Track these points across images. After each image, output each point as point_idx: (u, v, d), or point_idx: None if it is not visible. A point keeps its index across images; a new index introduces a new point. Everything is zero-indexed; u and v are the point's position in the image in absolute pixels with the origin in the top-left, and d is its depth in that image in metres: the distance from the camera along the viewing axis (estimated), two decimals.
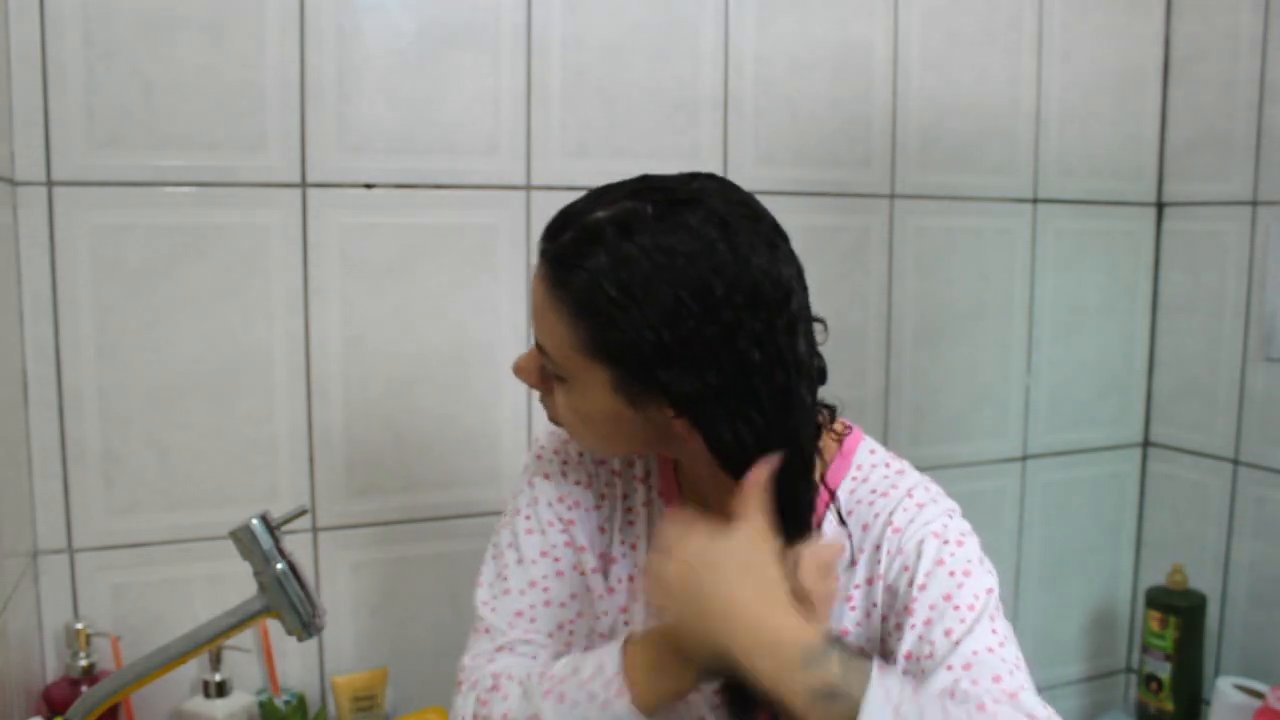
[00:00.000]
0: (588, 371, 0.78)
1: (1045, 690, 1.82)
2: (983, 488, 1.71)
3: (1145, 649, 1.67)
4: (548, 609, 0.90)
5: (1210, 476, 1.73)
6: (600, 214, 0.76)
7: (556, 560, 0.92)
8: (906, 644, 0.77)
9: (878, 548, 0.82)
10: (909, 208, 1.60)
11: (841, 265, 1.56)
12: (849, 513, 0.85)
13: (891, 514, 0.83)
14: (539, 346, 0.81)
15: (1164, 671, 1.63)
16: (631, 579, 0.94)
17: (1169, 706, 1.64)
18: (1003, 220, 1.68)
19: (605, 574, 0.94)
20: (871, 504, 0.84)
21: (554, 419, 0.87)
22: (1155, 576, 1.76)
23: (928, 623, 0.77)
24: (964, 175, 1.64)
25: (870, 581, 0.83)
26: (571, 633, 0.91)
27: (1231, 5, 1.67)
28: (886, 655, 0.81)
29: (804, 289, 0.79)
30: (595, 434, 0.84)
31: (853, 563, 0.83)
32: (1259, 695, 1.50)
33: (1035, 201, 1.70)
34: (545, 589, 0.90)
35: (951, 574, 0.78)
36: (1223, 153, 1.69)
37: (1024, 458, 1.75)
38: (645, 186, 0.78)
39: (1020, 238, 1.70)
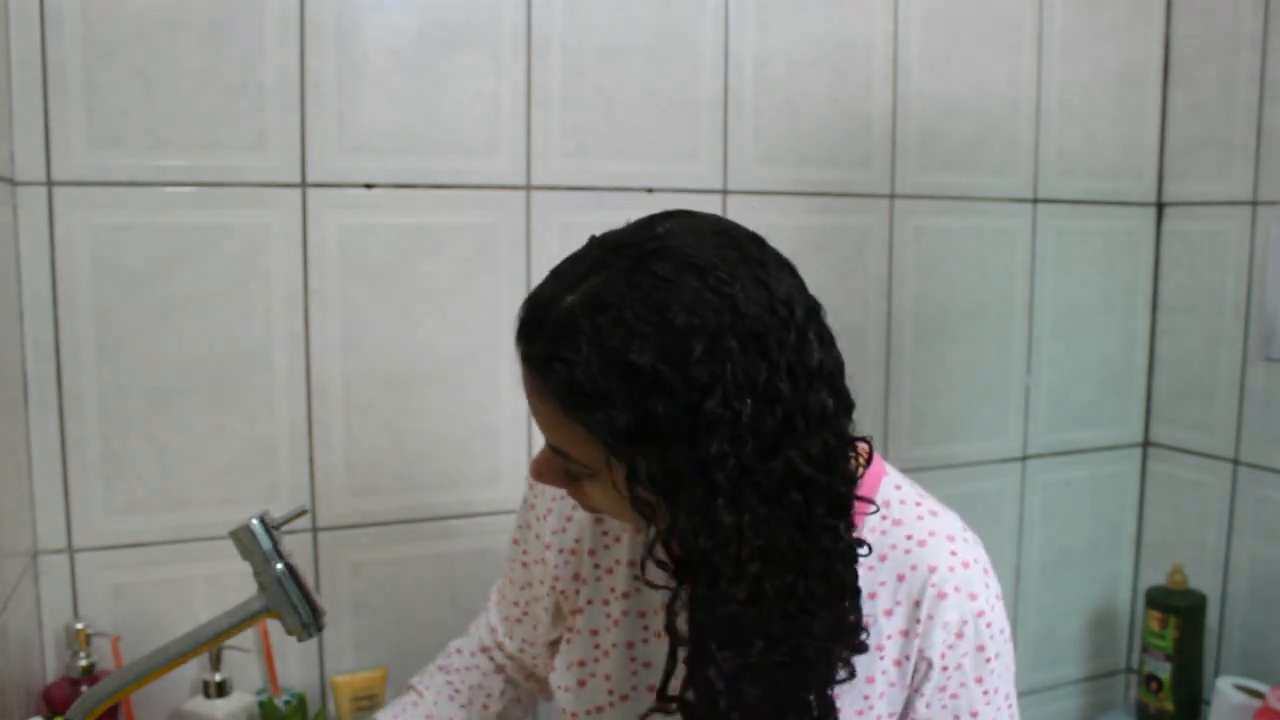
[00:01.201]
0: (612, 459, 0.73)
1: (1045, 690, 1.83)
2: (983, 488, 1.71)
3: (1145, 649, 1.67)
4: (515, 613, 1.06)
5: (1210, 476, 1.73)
6: (570, 299, 0.71)
7: (531, 586, 1.02)
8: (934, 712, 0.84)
9: (917, 604, 0.81)
10: (909, 208, 1.60)
11: (841, 265, 1.56)
12: (882, 558, 0.82)
13: (933, 570, 0.81)
14: (554, 450, 0.77)
15: (1164, 671, 1.63)
16: (605, 602, 0.93)
17: (1169, 706, 1.64)
18: (1003, 220, 1.68)
19: (576, 594, 0.95)
20: (908, 552, 0.82)
21: (590, 508, 0.83)
22: (1155, 576, 1.76)
23: (955, 696, 0.83)
24: (964, 175, 1.64)
25: (905, 634, 0.81)
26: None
27: (1231, 5, 1.67)
28: (905, 706, 0.84)
29: (803, 289, 0.75)
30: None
31: (887, 612, 0.82)
32: (1259, 695, 1.50)
33: (1035, 201, 1.70)
34: (515, 603, 1.04)
35: (988, 660, 0.83)
36: (1223, 153, 1.69)
37: (1024, 458, 1.75)
38: (607, 252, 0.72)
39: (1020, 238, 1.70)
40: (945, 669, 0.81)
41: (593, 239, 0.75)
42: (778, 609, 0.74)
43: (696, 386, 0.68)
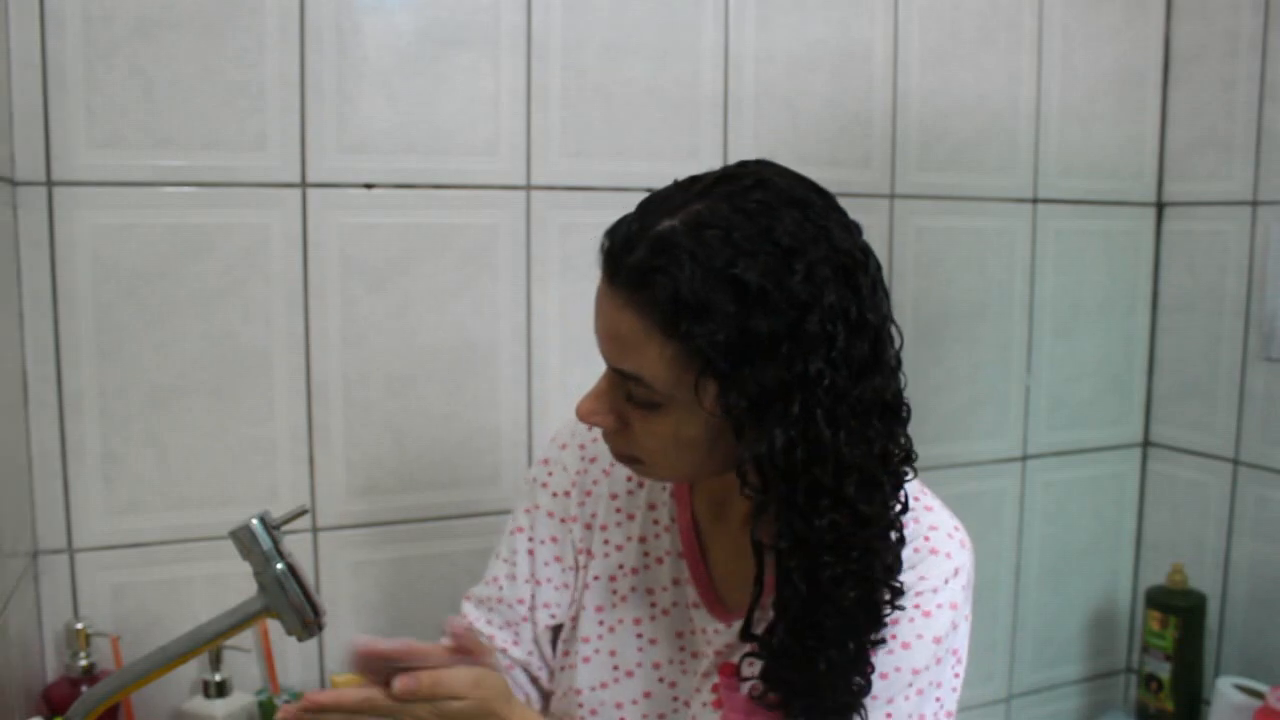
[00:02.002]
0: (694, 389, 0.73)
1: (1045, 690, 1.83)
2: (983, 488, 1.71)
3: (1145, 649, 1.67)
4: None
5: (1210, 476, 1.73)
6: (670, 223, 0.72)
7: (546, 581, 0.98)
8: None
9: None
10: (909, 208, 1.60)
11: None
12: None
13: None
14: (624, 376, 0.76)
15: (1164, 671, 1.63)
16: (613, 579, 0.93)
17: (1169, 706, 1.64)
18: (1003, 220, 1.68)
19: (585, 569, 0.95)
20: None
21: (628, 455, 0.82)
22: (1155, 576, 1.76)
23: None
24: (964, 175, 1.64)
25: None
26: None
27: (1231, 5, 1.67)
28: None
29: (870, 248, 0.79)
30: (688, 460, 0.79)
31: None
32: (1259, 695, 1.50)
33: (1035, 201, 1.70)
34: (521, 600, 0.98)
35: (892, 637, 0.79)
36: (1223, 153, 1.69)
37: (1024, 458, 1.75)
38: (706, 186, 0.75)
39: (1020, 238, 1.70)
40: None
41: (677, 181, 0.78)
42: (864, 531, 0.74)
43: (797, 304, 0.71)
